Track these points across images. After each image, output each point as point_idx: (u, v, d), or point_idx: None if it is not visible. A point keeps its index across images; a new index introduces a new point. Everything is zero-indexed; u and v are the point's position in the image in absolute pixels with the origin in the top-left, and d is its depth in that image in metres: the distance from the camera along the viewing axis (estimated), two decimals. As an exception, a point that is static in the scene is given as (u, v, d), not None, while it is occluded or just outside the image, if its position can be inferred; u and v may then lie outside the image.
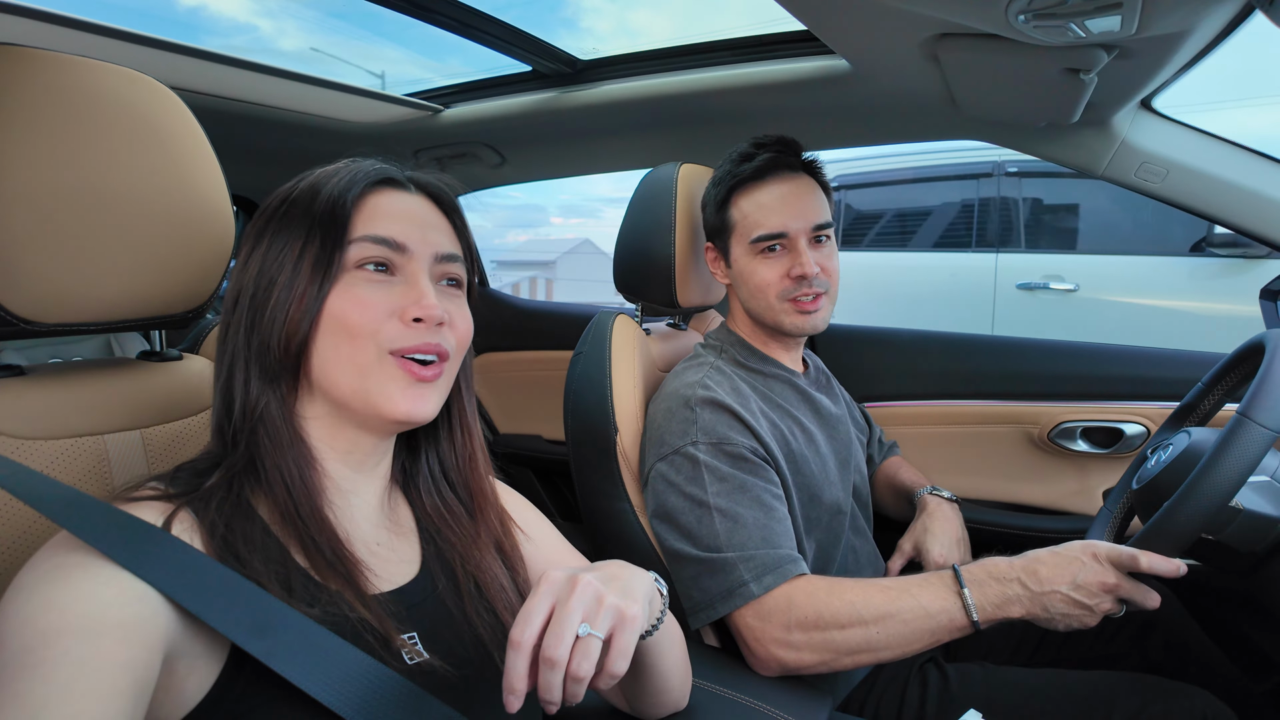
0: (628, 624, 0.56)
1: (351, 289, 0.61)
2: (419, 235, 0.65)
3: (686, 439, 1.03)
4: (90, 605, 0.47)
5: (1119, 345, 1.60)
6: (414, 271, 0.64)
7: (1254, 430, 0.81)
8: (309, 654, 0.52)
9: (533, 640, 0.53)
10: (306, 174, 0.66)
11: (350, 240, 0.62)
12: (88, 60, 0.68)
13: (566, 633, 0.53)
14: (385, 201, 0.65)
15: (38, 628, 0.45)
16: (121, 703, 0.44)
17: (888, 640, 0.91)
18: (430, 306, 0.62)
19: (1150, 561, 0.85)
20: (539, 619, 0.54)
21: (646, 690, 0.77)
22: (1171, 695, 0.98)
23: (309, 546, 0.59)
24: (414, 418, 0.63)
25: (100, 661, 0.45)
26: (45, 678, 0.43)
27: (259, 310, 0.61)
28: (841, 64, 1.32)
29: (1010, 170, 3.42)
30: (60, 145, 0.64)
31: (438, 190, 0.70)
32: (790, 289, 1.12)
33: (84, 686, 0.43)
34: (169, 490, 0.58)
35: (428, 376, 0.63)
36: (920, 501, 1.28)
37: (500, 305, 2.38)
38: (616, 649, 0.55)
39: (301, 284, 0.60)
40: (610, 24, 39.34)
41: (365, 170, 0.66)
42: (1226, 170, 1.31)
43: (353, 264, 0.62)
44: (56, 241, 0.65)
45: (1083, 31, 0.85)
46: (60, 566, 0.48)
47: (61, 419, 0.69)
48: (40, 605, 0.46)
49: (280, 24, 27.39)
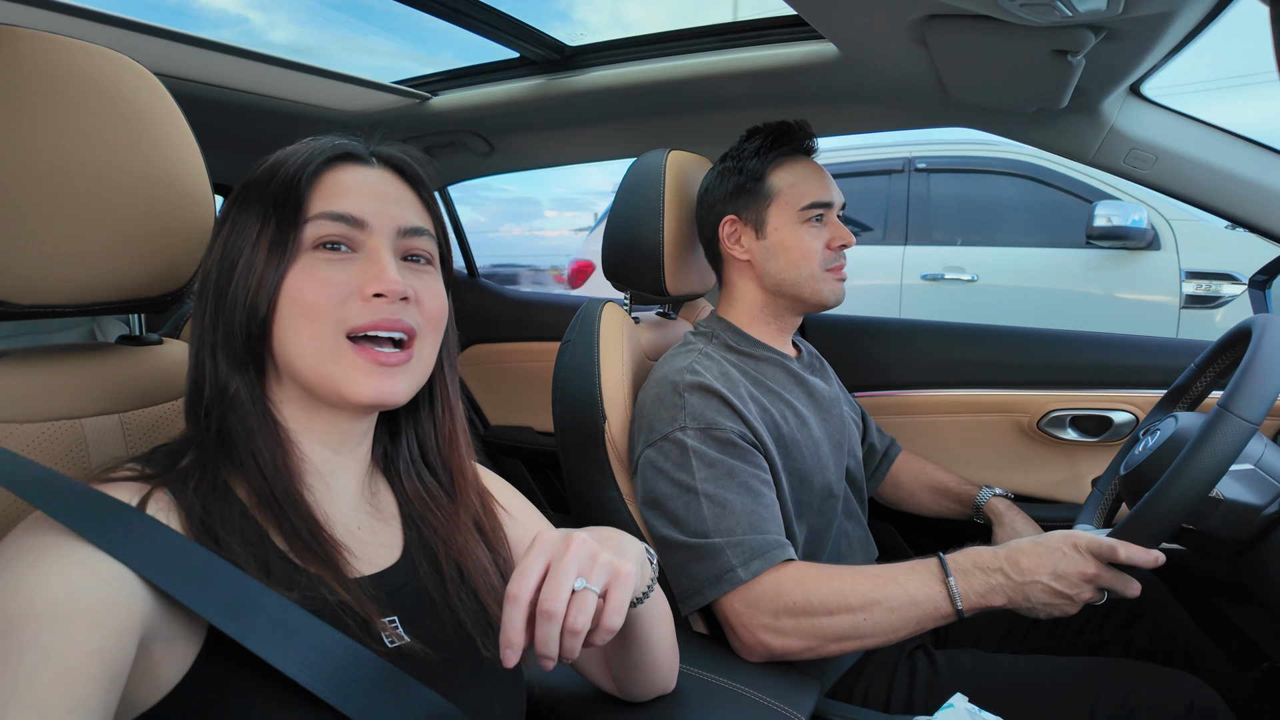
0: (622, 579, 0.57)
1: (309, 269, 0.60)
2: (378, 209, 0.63)
3: (675, 424, 1.03)
4: (60, 590, 0.46)
5: (1108, 333, 1.60)
6: (375, 247, 0.62)
7: (1233, 423, 0.81)
8: (285, 634, 0.51)
9: (529, 594, 0.53)
10: (268, 156, 0.65)
11: (306, 219, 0.61)
12: (64, 38, 0.67)
13: (563, 587, 0.53)
14: (344, 177, 0.64)
15: (5, 612, 0.44)
16: (92, 690, 0.43)
17: (874, 627, 0.92)
18: (391, 281, 0.60)
19: (1128, 553, 0.86)
20: (535, 575, 0.54)
21: (636, 666, 0.77)
22: (1159, 681, 0.98)
23: (286, 529, 0.58)
24: (382, 401, 0.62)
25: (69, 648, 0.44)
26: (11, 665, 0.42)
27: (222, 294, 0.60)
28: (830, 49, 1.32)
29: (920, 166, 3.59)
30: (34, 124, 0.63)
31: (401, 162, 0.68)
32: (831, 259, 1.16)
33: (51, 674, 0.42)
34: (145, 471, 0.57)
35: (393, 362, 0.61)
36: (991, 509, 1.32)
37: (489, 296, 2.37)
38: (612, 604, 0.56)
39: (259, 265, 0.59)
40: (604, 17, 38.90)
41: (322, 147, 0.64)
42: (1216, 157, 1.31)
43: (310, 243, 0.61)
44: (31, 222, 0.63)
45: (1069, 10, 0.84)
46: (31, 549, 0.47)
47: (38, 402, 0.68)
48: (7, 589, 0.45)
49: (271, 16, 26.84)
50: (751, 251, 1.18)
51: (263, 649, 0.50)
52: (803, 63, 1.40)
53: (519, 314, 2.32)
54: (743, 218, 1.18)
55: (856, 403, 1.47)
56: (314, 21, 16.78)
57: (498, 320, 2.34)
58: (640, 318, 1.38)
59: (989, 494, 1.34)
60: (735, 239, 1.19)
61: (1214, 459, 0.81)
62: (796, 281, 1.15)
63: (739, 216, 1.18)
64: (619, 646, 0.75)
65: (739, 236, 1.19)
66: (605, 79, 1.61)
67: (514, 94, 1.73)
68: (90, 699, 0.43)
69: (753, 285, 1.20)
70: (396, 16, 12.41)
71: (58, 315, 0.70)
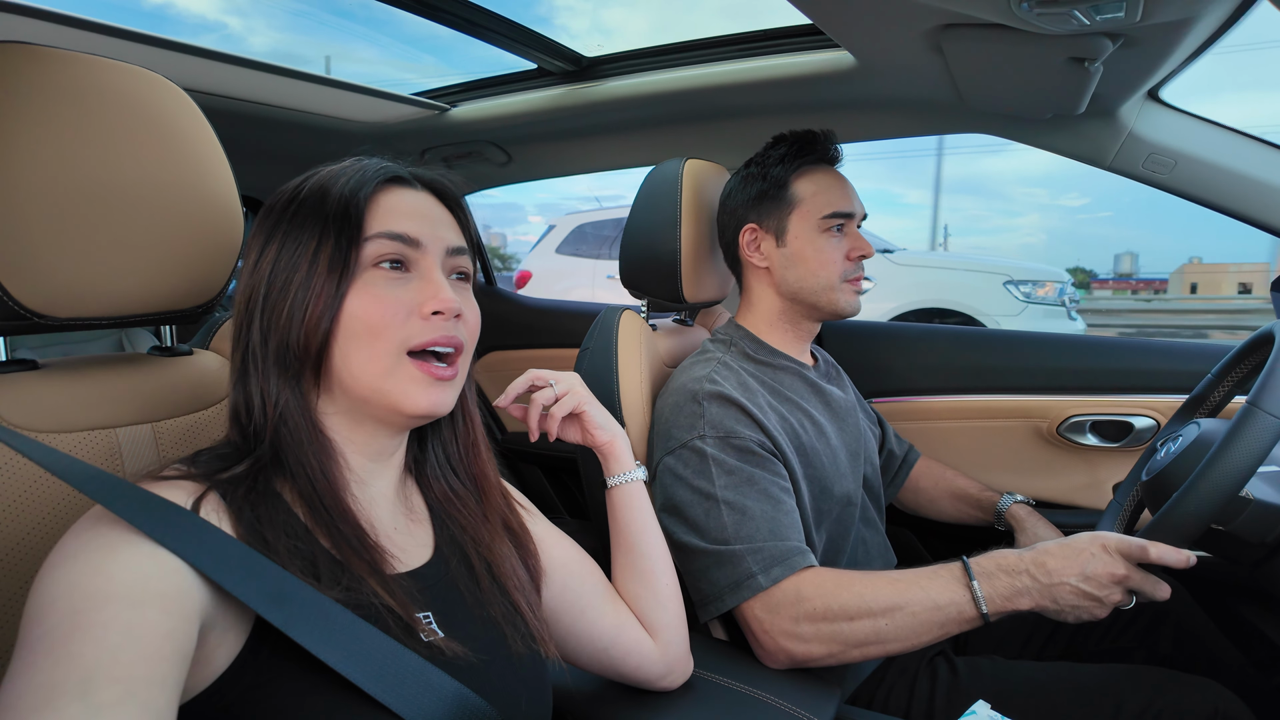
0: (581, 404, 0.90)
1: (370, 287, 0.62)
2: (430, 231, 0.66)
3: (694, 433, 1.03)
4: (134, 574, 0.48)
5: (1127, 339, 1.59)
6: (428, 266, 0.65)
7: (1264, 419, 0.81)
8: (326, 626, 0.54)
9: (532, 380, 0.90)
10: (310, 173, 0.67)
11: (366, 238, 0.63)
12: (98, 58, 0.69)
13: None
14: (395, 199, 0.66)
15: (86, 591, 0.47)
16: (167, 667, 0.46)
17: (896, 632, 0.91)
18: (448, 300, 0.64)
19: (1159, 552, 0.84)
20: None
21: (635, 570, 0.90)
22: (1183, 688, 0.97)
23: (335, 535, 0.61)
24: (435, 413, 0.65)
25: (146, 628, 0.46)
26: (97, 640, 0.45)
27: (275, 310, 0.62)
28: (847, 58, 1.32)
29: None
30: (71, 142, 0.65)
31: (442, 186, 0.71)
32: (851, 269, 1.17)
33: (133, 651, 0.45)
34: (191, 471, 0.59)
35: (446, 376, 0.65)
36: (1013, 515, 1.32)
37: (506, 303, 2.38)
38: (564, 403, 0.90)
39: (319, 283, 0.61)
40: (584, 23, 39.29)
41: (374, 168, 0.67)
42: (1235, 161, 1.30)
43: (369, 262, 0.63)
44: (68, 237, 0.65)
45: (1087, 19, 0.85)
46: (102, 536, 0.50)
47: (74, 412, 0.70)
48: (87, 570, 0.48)
49: (250, 21, 27.34)
50: (771, 259, 1.18)
51: (305, 638, 0.52)
52: (820, 71, 1.41)
53: (536, 321, 2.34)
54: (763, 225, 1.19)
55: (874, 410, 1.48)
56: (293, 28, 17.00)
57: (515, 327, 2.35)
58: (657, 324, 1.39)
59: (1010, 500, 1.34)
60: (755, 246, 1.20)
61: (1246, 455, 0.81)
62: (814, 290, 1.16)
63: (760, 224, 1.19)
64: (617, 539, 0.91)
65: (759, 244, 1.19)
66: (622, 89, 1.62)
67: (532, 104, 1.75)
68: (167, 676, 0.46)
69: (771, 292, 1.20)
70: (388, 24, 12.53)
71: (93, 328, 0.72)
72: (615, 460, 0.92)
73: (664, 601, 0.89)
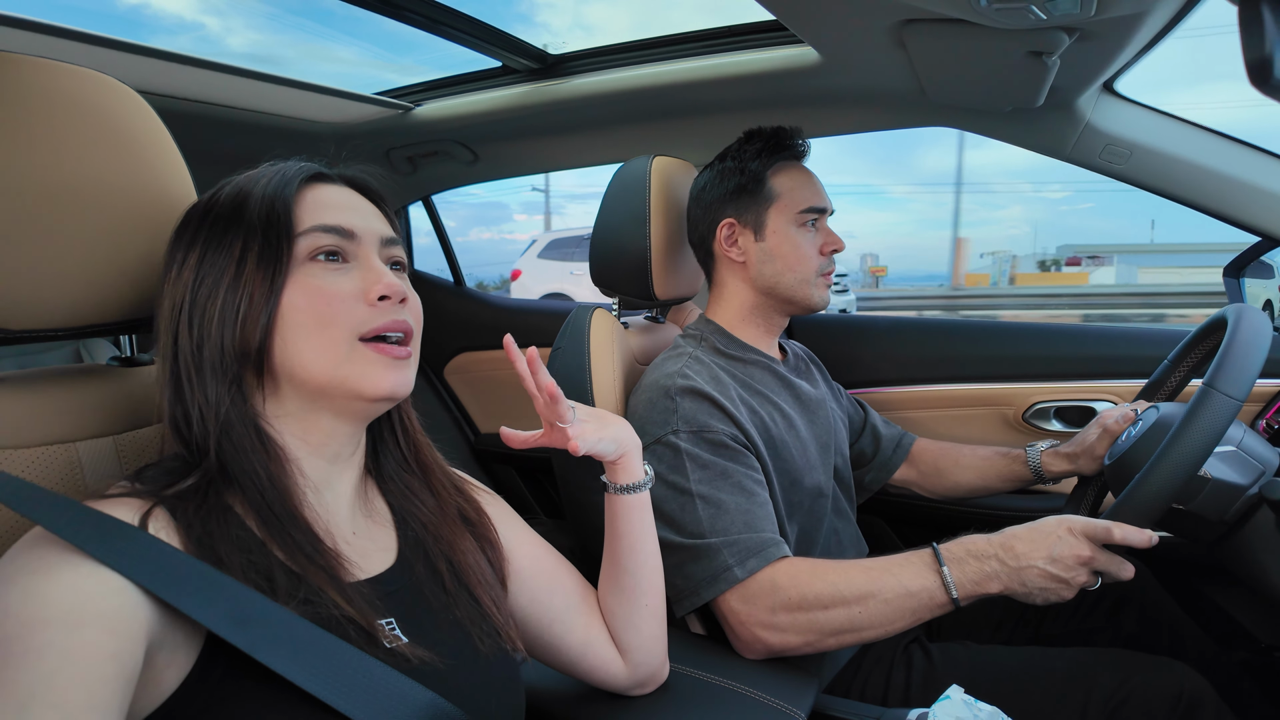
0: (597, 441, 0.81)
1: (309, 279, 0.62)
2: (363, 222, 0.67)
3: (667, 428, 1.04)
4: (72, 596, 0.47)
5: (1089, 325, 1.63)
6: (365, 254, 0.66)
7: (1219, 399, 0.83)
8: (290, 643, 0.53)
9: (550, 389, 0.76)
10: (224, 182, 0.66)
11: (299, 233, 0.62)
12: (46, 61, 0.67)
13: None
14: (321, 194, 0.67)
15: (20, 618, 0.45)
16: (109, 690, 0.45)
17: (870, 619, 0.93)
18: (393, 284, 0.64)
19: (1123, 533, 0.87)
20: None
21: (623, 571, 0.85)
22: (1150, 669, 1.00)
23: (288, 544, 0.59)
24: (396, 394, 0.65)
25: (85, 651, 0.45)
26: (31, 667, 0.43)
27: (204, 315, 0.61)
28: (811, 53, 1.33)
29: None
30: (22, 147, 0.63)
31: (364, 181, 0.72)
32: (824, 264, 1.19)
33: (70, 676, 0.44)
34: (137, 487, 0.57)
35: (403, 355, 0.65)
36: (1047, 464, 1.30)
37: (478, 304, 2.37)
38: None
39: (250, 282, 0.60)
40: (566, 20, 39.48)
41: (294, 168, 0.67)
42: (1189, 151, 1.34)
43: (304, 255, 0.62)
44: (22, 245, 0.63)
45: (1043, 14, 0.86)
46: (39, 559, 0.48)
47: (32, 427, 0.67)
48: (21, 596, 0.46)
49: (228, 22, 26.59)
50: (748, 253, 1.19)
51: (269, 658, 0.51)
52: (784, 67, 1.41)
53: (507, 321, 2.32)
54: (742, 220, 1.19)
55: (858, 402, 1.48)
56: (270, 27, 16.74)
57: (485, 328, 2.34)
58: (629, 322, 1.39)
59: (1036, 453, 1.31)
60: (732, 241, 1.20)
61: (1203, 434, 0.83)
62: (790, 285, 1.17)
63: (738, 219, 1.19)
64: (609, 546, 0.87)
65: (736, 238, 1.19)
66: (588, 86, 1.62)
67: (497, 103, 1.73)
68: (108, 699, 0.45)
69: (745, 286, 1.21)
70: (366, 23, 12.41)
71: (51, 339, 0.70)
72: (623, 471, 0.86)
73: (638, 624, 0.85)
